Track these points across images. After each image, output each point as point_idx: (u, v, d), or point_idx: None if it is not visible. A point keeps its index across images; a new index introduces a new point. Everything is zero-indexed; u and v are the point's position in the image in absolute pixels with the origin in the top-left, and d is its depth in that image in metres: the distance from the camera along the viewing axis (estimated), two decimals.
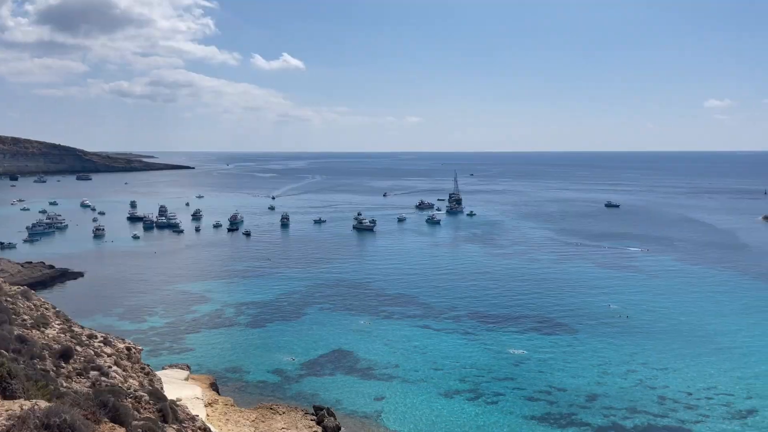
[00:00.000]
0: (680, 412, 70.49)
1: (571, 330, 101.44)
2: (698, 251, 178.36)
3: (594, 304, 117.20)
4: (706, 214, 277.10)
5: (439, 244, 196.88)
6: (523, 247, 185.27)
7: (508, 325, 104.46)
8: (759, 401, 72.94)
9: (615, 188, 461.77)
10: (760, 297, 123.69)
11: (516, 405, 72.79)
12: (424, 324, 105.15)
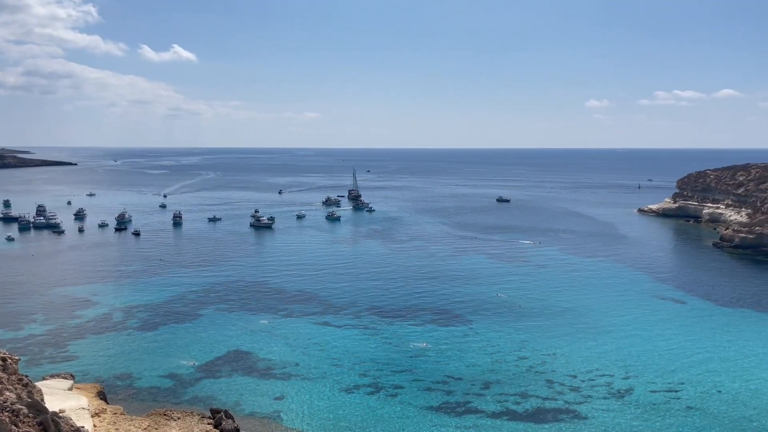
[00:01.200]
0: (566, 394, 74.92)
1: (467, 321, 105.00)
2: (581, 242, 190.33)
3: (488, 295, 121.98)
4: (588, 208, 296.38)
5: (339, 240, 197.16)
6: (421, 242, 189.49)
7: (407, 318, 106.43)
8: (635, 380, 78.97)
9: (506, 184, 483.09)
10: (635, 283, 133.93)
11: (415, 396, 74.36)
12: (324, 321, 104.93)
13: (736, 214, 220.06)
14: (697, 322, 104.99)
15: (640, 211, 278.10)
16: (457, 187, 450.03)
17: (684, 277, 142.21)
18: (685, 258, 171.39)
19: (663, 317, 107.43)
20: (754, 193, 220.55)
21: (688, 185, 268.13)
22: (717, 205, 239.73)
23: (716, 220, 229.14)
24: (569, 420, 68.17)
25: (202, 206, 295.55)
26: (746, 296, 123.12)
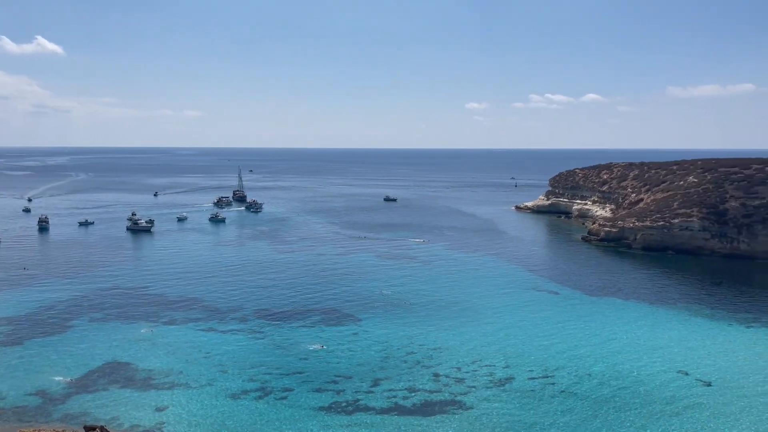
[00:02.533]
0: (452, 386, 77.55)
1: (356, 319, 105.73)
2: (464, 239, 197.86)
3: (377, 293, 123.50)
4: (469, 206, 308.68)
5: (224, 243, 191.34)
6: (309, 242, 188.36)
7: (296, 320, 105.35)
8: (515, 369, 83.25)
9: (392, 184, 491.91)
10: (514, 276, 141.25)
11: (304, 398, 73.80)
12: (209, 327, 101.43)
13: (602, 209, 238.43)
14: (568, 311, 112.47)
15: (517, 208, 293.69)
16: (344, 187, 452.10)
17: (557, 270, 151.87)
18: (558, 251, 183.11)
19: (539, 308, 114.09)
20: (616, 190, 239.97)
21: (560, 183, 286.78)
22: (585, 202, 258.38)
23: (584, 215, 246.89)
24: (455, 411, 70.60)
25: (72, 210, 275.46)
26: (610, 285, 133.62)
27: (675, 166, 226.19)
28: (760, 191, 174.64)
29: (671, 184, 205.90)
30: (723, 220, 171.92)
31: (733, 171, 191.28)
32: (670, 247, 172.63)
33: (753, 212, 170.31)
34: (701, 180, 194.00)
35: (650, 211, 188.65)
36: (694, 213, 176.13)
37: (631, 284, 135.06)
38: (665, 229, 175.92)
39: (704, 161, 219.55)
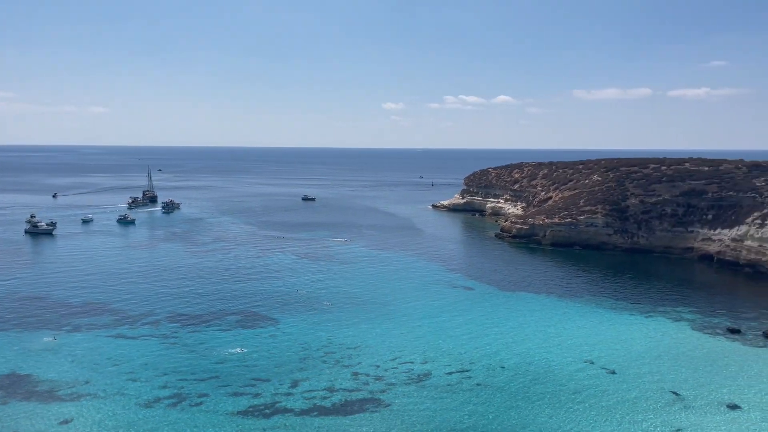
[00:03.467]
0: (371, 384, 77.93)
1: (274, 321, 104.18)
2: (383, 237, 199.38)
3: (295, 294, 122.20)
4: (388, 205, 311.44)
5: (133, 245, 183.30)
6: (225, 243, 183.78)
7: (211, 323, 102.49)
8: (432, 364, 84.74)
9: (310, 183, 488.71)
10: (431, 273, 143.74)
11: (221, 403, 71.94)
12: (118, 333, 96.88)
13: (513, 207, 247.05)
14: (483, 306, 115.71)
15: (434, 207, 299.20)
16: (261, 186, 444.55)
17: (472, 266, 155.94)
18: (473, 249, 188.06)
19: (455, 304, 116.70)
20: (527, 188, 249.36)
21: (474, 182, 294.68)
22: (498, 200, 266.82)
23: (498, 213, 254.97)
24: (374, 409, 70.99)
25: None
26: (522, 280, 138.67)
27: (581, 165, 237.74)
28: (657, 189, 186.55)
29: (577, 182, 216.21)
30: (624, 217, 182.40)
31: (633, 170, 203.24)
32: (576, 242, 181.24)
33: (651, 209, 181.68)
34: (605, 179, 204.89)
35: (558, 209, 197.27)
36: (598, 210, 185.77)
37: (541, 279, 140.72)
38: (572, 226, 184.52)
39: (607, 161, 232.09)
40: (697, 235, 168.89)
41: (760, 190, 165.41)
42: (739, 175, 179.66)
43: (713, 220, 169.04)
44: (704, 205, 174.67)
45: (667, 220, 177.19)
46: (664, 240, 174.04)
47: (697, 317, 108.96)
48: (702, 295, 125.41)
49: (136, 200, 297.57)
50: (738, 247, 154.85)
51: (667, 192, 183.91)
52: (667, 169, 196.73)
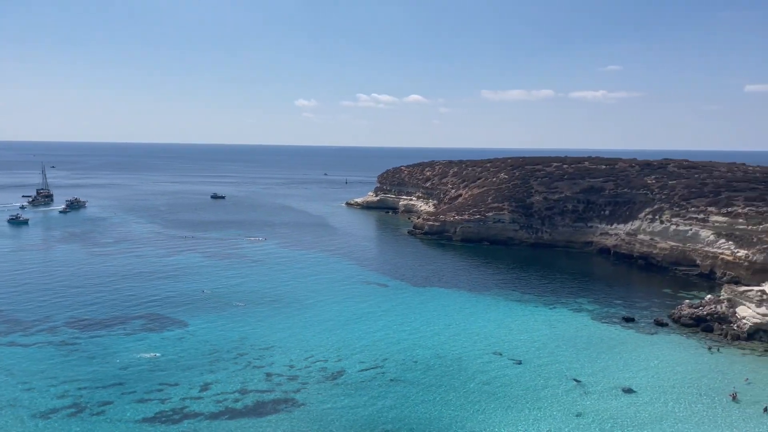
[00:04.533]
0: (285, 384, 76.99)
1: (183, 323, 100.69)
2: (296, 236, 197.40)
3: (205, 295, 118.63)
4: (301, 203, 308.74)
5: (27, 247, 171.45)
6: (129, 244, 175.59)
7: (114, 328, 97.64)
8: (346, 362, 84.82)
9: (220, 180, 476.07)
10: (345, 271, 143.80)
11: (125, 410, 68.71)
12: (10, 341, 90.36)
13: (425, 204, 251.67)
14: (396, 302, 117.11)
15: (348, 205, 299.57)
16: (168, 184, 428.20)
17: (386, 263, 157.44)
18: (386, 246, 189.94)
19: (369, 301, 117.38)
20: (438, 186, 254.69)
21: (387, 180, 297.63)
22: (410, 198, 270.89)
23: (410, 210, 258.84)
24: (288, 409, 70.19)
25: None
26: (434, 276, 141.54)
27: (489, 164, 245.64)
28: (559, 186, 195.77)
29: (486, 180, 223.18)
30: (529, 213, 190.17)
31: (537, 168, 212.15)
32: (485, 238, 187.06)
33: (553, 205, 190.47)
34: (511, 177, 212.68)
35: (468, 206, 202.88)
36: (505, 207, 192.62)
37: (452, 274, 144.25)
38: (481, 222, 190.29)
39: (513, 159, 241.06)
40: (596, 230, 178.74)
41: (651, 187, 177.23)
42: (633, 174, 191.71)
43: (610, 215, 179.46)
44: (602, 202, 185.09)
45: (568, 216, 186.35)
46: (565, 235, 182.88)
47: (596, 307, 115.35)
48: (600, 287, 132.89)
49: (36, 198, 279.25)
50: (632, 240, 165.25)
51: (569, 189, 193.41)
52: (568, 167, 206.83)
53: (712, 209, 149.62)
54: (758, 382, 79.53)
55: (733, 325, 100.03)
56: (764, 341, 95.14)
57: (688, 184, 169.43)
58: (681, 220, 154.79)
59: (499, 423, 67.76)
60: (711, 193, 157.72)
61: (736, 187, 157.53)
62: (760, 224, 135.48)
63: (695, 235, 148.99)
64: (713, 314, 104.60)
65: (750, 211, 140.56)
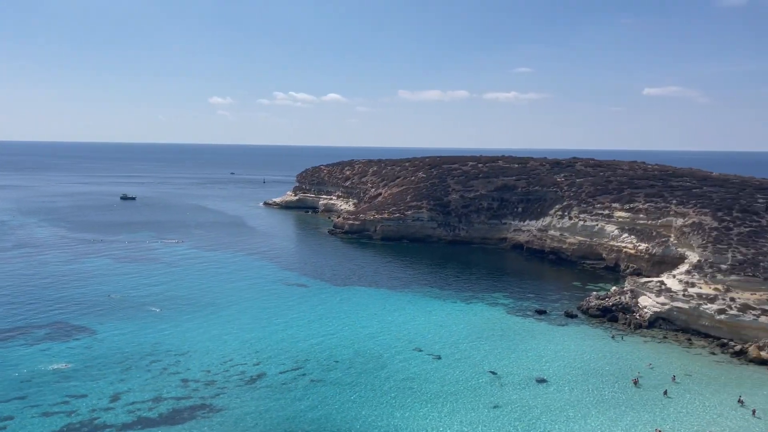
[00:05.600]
0: (202, 390, 74.83)
1: (91, 331, 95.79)
2: (213, 237, 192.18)
3: (115, 300, 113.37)
4: (218, 203, 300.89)
5: None
6: (30, 249, 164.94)
7: (15, 338, 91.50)
8: (266, 365, 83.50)
9: (130, 181, 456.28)
10: (264, 272, 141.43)
11: (29, 425, 64.61)
12: None
13: (345, 203, 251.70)
14: (317, 302, 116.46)
15: (266, 204, 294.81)
16: (73, 185, 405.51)
17: (306, 263, 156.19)
18: (306, 246, 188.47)
19: (289, 302, 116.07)
20: (358, 185, 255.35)
21: (306, 179, 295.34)
22: (330, 197, 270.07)
23: (330, 209, 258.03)
24: (205, 415, 68.27)
25: None
26: (354, 275, 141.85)
27: (407, 163, 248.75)
28: (475, 185, 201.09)
29: (405, 179, 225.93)
30: (447, 211, 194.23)
31: (454, 167, 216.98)
32: (405, 236, 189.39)
33: (470, 203, 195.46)
34: (429, 175, 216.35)
35: (387, 204, 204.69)
36: (423, 205, 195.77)
37: (373, 272, 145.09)
38: (400, 221, 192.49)
39: (431, 159, 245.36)
40: (510, 226, 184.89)
41: (560, 185, 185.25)
42: (544, 172, 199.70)
43: (523, 212, 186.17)
44: (515, 199, 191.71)
45: (484, 214, 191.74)
46: (481, 232, 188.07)
47: (510, 301, 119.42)
48: (514, 281, 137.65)
49: None
50: (543, 236, 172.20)
51: (484, 187, 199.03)
52: (483, 166, 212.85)
53: (616, 205, 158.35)
54: (660, 367, 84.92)
55: (636, 315, 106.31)
56: (663, 329, 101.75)
57: (594, 182, 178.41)
58: (588, 216, 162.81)
59: (418, 418, 68.79)
60: (615, 190, 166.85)
61: (637, 184, 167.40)
62: (659, 219, 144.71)
63: (601, 230, 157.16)
64: (618, 305, 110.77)
65: (649, 206, 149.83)
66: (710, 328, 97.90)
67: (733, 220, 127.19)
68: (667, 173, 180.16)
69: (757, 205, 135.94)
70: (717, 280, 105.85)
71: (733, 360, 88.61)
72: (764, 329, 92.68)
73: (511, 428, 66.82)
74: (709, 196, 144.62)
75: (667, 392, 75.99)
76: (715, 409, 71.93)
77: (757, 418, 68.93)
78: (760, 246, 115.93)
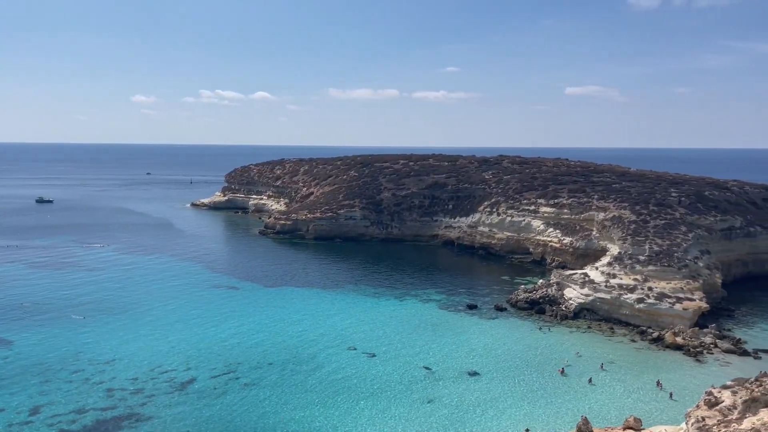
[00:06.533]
0: (128, 399, 72.00)
1: (5, 342, 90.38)
2: (138, 240, 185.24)
3: (33, 310, 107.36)
4: (143, 205, 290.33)
5: None
6: None
7: None
8: (196, 370, 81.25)
9: (46, 183, 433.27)
10: (193, 276, 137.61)
11: None
12: None
13: (277, 203, 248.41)
14: (249, 304, 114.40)
15: (194, 206, 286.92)
16: None
17: (236, 265, 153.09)
18: (237, 247, 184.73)
19: (220, 305, 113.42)
20: (289, 185, 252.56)
21: (236, 179, 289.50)
22: (261, 197, 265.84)
23: (261, 210, 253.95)
24: (133, 425, 65.72)
25: None
26: (287, 275, 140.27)
27: (339, 161, 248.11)
28: (407, 183, 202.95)
29: (336, 178, 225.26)
30: (379, 210, 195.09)
31: (385, 166, 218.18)
32: (338, 235, 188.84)
33: (402, 201, 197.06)
34: (361, 174, 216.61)
35: (320, 204, 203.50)
36: (356, 204, 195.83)
37: (306, 273, 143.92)
38: (333, 220, 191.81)
39: (363, 157, 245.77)
40: (441, 223, 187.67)
41: (489, 182, 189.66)
42: (473, 170, 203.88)
43: (453, 209, 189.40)
44: (446, 197, 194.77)
45: (416, 211, 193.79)
46: (413, 229, 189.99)
47: (442, 297, 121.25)
48: (446, 277, 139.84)
49: None
50: (473, 232, 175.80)
51: (415, 185, 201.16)
52: (414, 164, 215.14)
53: (541, 201, 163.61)
54: (586, 356, 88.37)
55: (562, 306, 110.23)
56: (588, 319, 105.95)
57: (520, 178, 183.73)
58: (515, 212, 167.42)
59: (354, 417, 68.75)
60: (540, 186, 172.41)
61: (561, 180, 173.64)
62: (582, 214, 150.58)
63: (528, 226, 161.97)
64: (545, 297, 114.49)
65: (573, 202, 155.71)
66: (630, 316, 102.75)
67: (650, 214, 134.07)
68: (589, 169, 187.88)
69: (671, 199, 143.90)
70: (636, 270, 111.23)
71: (652, 346, 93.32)
72: (679, 316, 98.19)
73: (446, 422, 67.84)
74: (627, 191, 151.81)
75: (591, 380, 79.17)
76: (636, 393, 75.56)
77: (674, 401, 72.85)
78: (674, 237, 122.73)
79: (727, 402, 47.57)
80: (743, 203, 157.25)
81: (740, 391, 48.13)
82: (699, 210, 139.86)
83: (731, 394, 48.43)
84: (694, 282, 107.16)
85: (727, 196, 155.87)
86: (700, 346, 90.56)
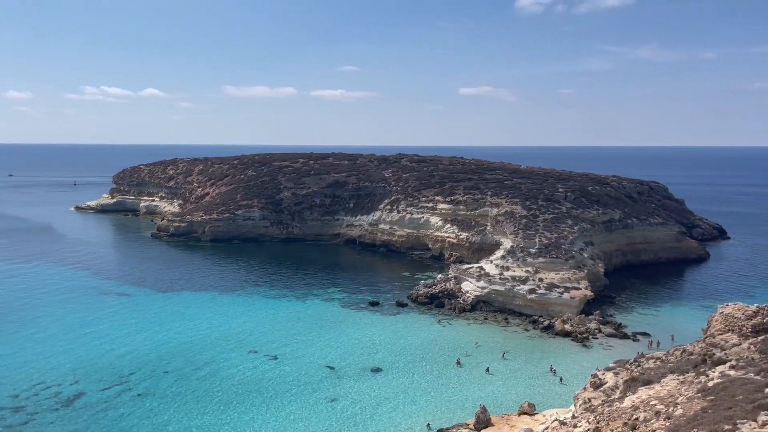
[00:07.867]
0: (8, 418, 66.54)
1: None
2: (16, 247, 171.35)
3: None
4: (21, 208, 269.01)
5: None
6: None
7: None
8: (85, 383, 76.35)
9: None
10: (79, 283, 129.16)
11: None
12: None
13: (170, 205, 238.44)
14: (140, 311, 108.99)
15: (78, 209, 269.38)
16: None
17: (127, 270, 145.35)
18: (127, 251, 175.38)
19: (109, 314, 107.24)
20: (183, 185, 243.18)
21: (125, 180, 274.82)
22: (153, 198, 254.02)
23: (153, 212, 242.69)
24: None
25: None
26: (182, 279, 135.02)
27: (236, 160, 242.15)
28: (307, 182, 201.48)
29: (234, 177, 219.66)
30: (279, 209, 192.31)
31: (285, 165, 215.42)
32: (236, 236, 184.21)
33: (302, 200, 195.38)
34: (259, 173, 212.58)
35: (216, 204, 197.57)
36: (255, 204, 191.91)
37: (202, 276, 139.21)
38: (230, 221, 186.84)
39: (261, 156, 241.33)
40: (343, 222, 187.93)
41: (388, 180, 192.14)
42: (373, 168, 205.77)
43: (354, 208, 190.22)
44: (347, 195, 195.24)
45: (317, 210, 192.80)
46: (315, 228, 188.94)
47: (345, 295, 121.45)
48: (348, 276, 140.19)
49: None
50: (374, 230, 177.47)
51: (316, 184, 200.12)
52: (315, 163, 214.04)
53: (438, 198, 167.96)
54: (484, 346, 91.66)
55: (460, 299, 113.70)
56: (484, 311, 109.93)
57: (419, 176, 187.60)
58: (414, 209, 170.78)
59: (257, 420, 67.35)
60: (437, 184, 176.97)
61: (456, 177, 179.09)
62: (477, 210, 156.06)
63: (426, 222, 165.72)
64: (444, 291, 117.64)
65: (468, 198, 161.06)
66: (523, 306, 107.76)
67: (539, 208, 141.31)
68: (483, 167, 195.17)
69: (558, 194, 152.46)
70: (527, 263, 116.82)
71: (543, 334, 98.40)
72: (567, 305, 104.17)
73: (349, 420, 67.99)
74: (518, 187, 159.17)
75: (489, 369, 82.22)
76: (531, 380, 79.35)
77: (564, 384, 77.21)
78: (562, 230, 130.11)
79: (610, 383, 51.03)
80: (621, 197, 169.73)
81: (621, 372, 51.78)
82: (583, 204, 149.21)
83: (613, 375, 52.01)
84: (579, 272, 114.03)
85: (607, 191, 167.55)
86: (586, 332, 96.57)
